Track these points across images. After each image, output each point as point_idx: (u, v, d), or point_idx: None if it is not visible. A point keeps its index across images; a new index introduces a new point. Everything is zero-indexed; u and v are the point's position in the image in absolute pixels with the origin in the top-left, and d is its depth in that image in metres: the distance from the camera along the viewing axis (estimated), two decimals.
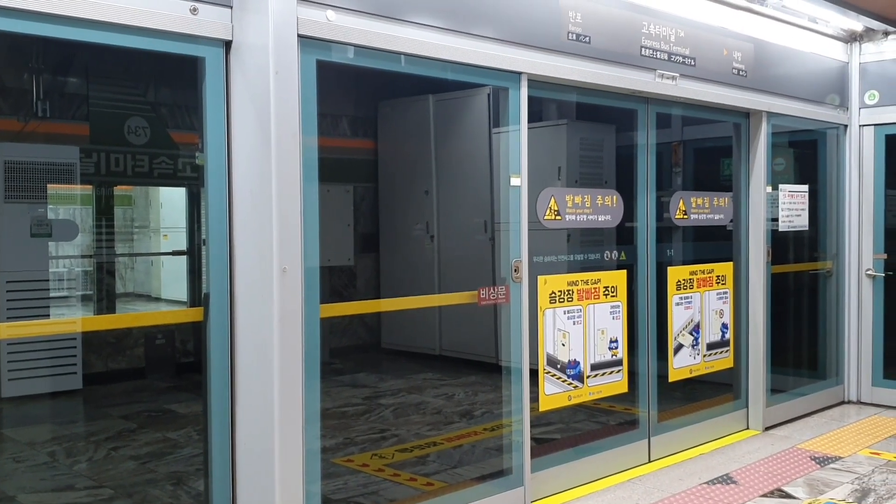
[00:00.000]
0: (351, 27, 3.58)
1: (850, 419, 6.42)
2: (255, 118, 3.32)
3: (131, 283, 15.04)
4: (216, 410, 3.41)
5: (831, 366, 6.92)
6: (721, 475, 5.00)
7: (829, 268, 6.90)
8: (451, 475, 5.00)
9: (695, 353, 5.53)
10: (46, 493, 4.88)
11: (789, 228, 6.33)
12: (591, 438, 5.19)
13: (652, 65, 5.07)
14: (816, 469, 5.12)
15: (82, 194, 8.24)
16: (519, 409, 4.41)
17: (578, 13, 4.60)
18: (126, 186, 12.37)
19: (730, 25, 5.63)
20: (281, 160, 3.29)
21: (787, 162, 6.85)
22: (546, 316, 4.51)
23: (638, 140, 5.25)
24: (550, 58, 4.47)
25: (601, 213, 4.84)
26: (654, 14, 5.08)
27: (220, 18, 3.33)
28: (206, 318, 3.39)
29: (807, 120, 6.49)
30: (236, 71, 3.38)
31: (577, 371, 4.70)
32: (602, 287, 4.82)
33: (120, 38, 3.09)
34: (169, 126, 8.35)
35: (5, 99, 7.48)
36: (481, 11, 4.15)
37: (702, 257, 5.85)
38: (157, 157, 8.22)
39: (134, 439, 5.93)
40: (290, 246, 3.33)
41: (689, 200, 5.53)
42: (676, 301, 5.39)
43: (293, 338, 3.35)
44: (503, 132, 4.45)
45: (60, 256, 10.17)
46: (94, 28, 3.02)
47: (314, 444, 3.53)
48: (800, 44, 6.30)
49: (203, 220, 3.52)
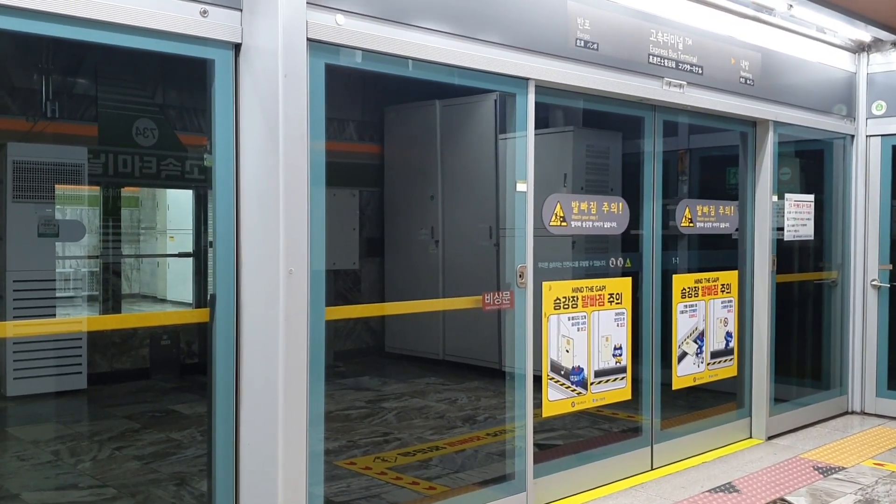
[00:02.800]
0: (359, 31, 3.59)
1: (853, 430, 6.41)
2: (263, 121, 3.34)
3: (137, 284, 15.07)
4: (221, 411, 3.42)
5: (835, 376, 6.91)
6: (724, 484, 4.99)
7: (834, 278, 6.90)
8: (453, 479, 5.00)
9: (699, 361, 5.53)
10: (50, 491, 4.89)
11: (795, 238, 6.33)
12: (593, 445, 5.20)
13: (659, 72, 5.08)
14: (820, 479, 5.11)
15: (90, 195, 8.27)
16: (522, 415, 4.41)
17: (587, 20, 4.61)
18: (133, 188, 12.42)
19: (737, 34, 5.64)
20: (289, 163, 3.30)
21: (793, 171, 6.85)
22: (550, 322, 4.52)
23: (644, 148, 5.26)
24: (558, 64, 4.48)
25: (607, 220, 4.85)
26: (662, 22, 5.09)
27: (229, 21, 3.36)
28: (212, 320, 3.40)
29: (813, 129, 6.49)
30: (245, 74, 3.41)
31: (581, 378, 4.70)
32: (607, 294, 4.82)
33: (131, 40, 3.12)
34: (177, 128, 8.38)
35: (15, 99, 7.52)
36: (489, 17, 4.17)
37: (707, 265, 5.85)
38: (164, 158, 8.25)
39: (138, 439, 5.95)
40: (296, 249, 3.34)
41: (695, 209, 5.53)
42: (681, 309, 5.39)
43: (298, 340, 3.37)
44: (509, 138, 4.46)
45: (67, 257, 10.20)
46: (106, 29, 3.05)
47: (318, 447, 3.54)
48: (807, 53, 6.31)
49: (210, 222, 3.54)
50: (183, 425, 6.34)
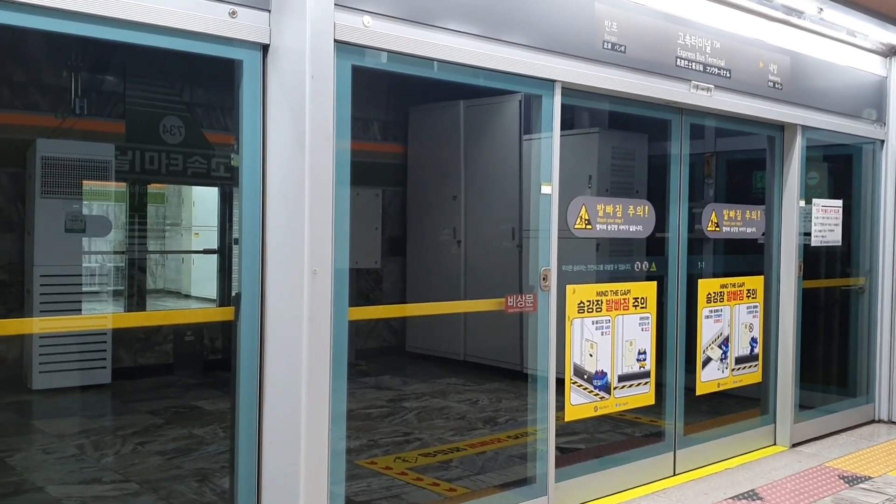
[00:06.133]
0: (386, 33, 3.60)
1: (880, 438, 6.33)
2: (290, 121, 3.35)
3: (162, 279, 15.21)
4: (244, 409, 3.44)
5: (862, 384, 6.82)
6: (747, 491, 4.95)
7: (861, 284, 6.81)
8: (474, 481, 4.99)
9: (723, 366, 5.48)
10: (74, 485, 4.94)
11: (822, 243, 6.26)
12: (616, 449, 5.17)
13: (687, 76, 5.04)
14: (845, 488, 5.05)
15: (116, 191, 8.35)
16: (544, 418, 4.40)
17: (614, 22, 4.59)
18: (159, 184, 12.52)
19: (766, 38, 5.58)
20: (314, 163, 3.31)
21: (821, 176, 6.77)
22: (574, 325, 4.50)
23: (671, 150, 5.22)
24: (585, 66, 4.46)
25: (632, 224, 4.82)
26: (691, 25, 5.06)
27: (258, 22, 3.37)
28: (237, 318, 3.42)
29: (842, 134, 6.41)
30: (273, 74, 3.42)
31: (605, 382, 4.68)
32: (631, 298, 4.80)
33: (161, 40, 3.14)
34: (203, 126, 8.44)
35: (44, 96, 7.61)
36: (515, 19, 4.15)
37: (732, 270, 5.80)
38: (191, 156, 8.31)
39: (161, 435, 6.00)
40: (321, 248, 3.35)
41: (722, 213, 5.49)
42: (706, 314, 5.34)
43: (321, 339, 3.37)
44: (534, 139, 4.45)
45: (93, 252, 10.31)
46: (137, 30, 3.07)
47: (339, 445, 3.55)
48: (837, 57, 6.24)
49: (236, 221, 3.57)
50: (206, 421, 6.38)
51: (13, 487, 4.81)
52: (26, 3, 2.82)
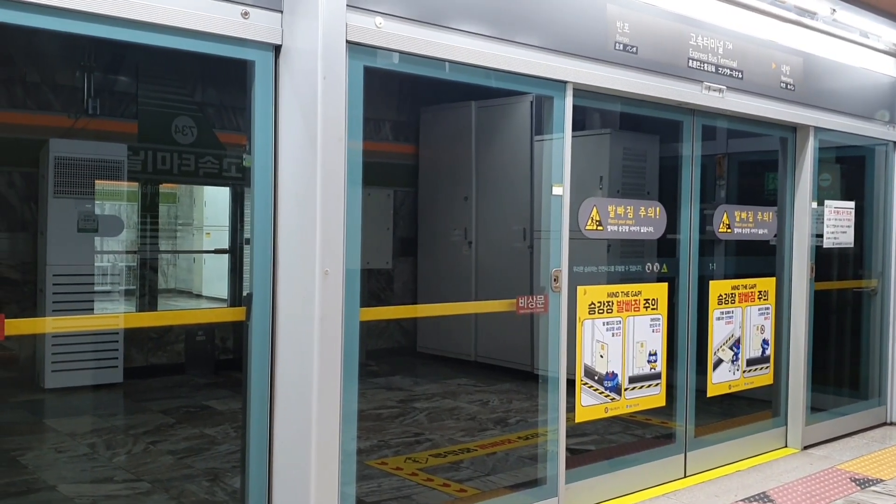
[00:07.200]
0: (398, 34, 3.60)
1: (892, 441, 6.29)
2: (302, 121, 3.36)
3: (173, 279, 15.26)
4: (255, 409, 3.45)
5: (874, 386, 6.79)
6: (758, 493, 4.93)
7: (873, 286, 6.78)
8: (484, 482, 5.00)
9: (734, 368, 5.46)
10: (86, 484, 4.97)
11: (834, 245, 6.23)
12: (626, 451, 5.16)
13: (699, 77, 5.03)
14: (857, 491, 5.03)
15: (128, 191, 8.39)
16: (555, 419, 4.39)
17: (626, 23, 4.58)
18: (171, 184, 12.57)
19: (778, 39, 5.56)
20: (326, 164, 3.32)
21: (833, 177, 6.74)
22: (585, 327, 4.49)
23: (683, 152, 5.21)
24: (597, 67, 4.46)
25: (644, 225, 4.82)
26: (703, 26, 5.04)
27: (270, 23, 3.38)
28: (249, 318, 3.43)
29: (855, 136, 6.38)
30: (285, 75, 3.43)
31: (615, 383, 4.67)
32: (643, 299, 4.79)
33: (173, 41, 3.15)
34: (215, 126, 8.47)
35: (57, 96, 7.65)
36: (527, 20, 4.15)
37: (744, 272, 5.78)
38: (202, 156, 8.34)
39: (172, 434, 6.02)
40: (332, 249, 3.36)
41: (733, 214, 5.47)
42: (717, 315, 5.33)
43: (333, 340, 3.38)
44: (545, 140, 4.45)
45: (105, 251, 10.35)
46: (149, 30, 3.08)
47: (350, 446, 3.56)
48: (850, 58, 6.21)
49: (248, 221, 3.57)
50: (217, 421, 6.40)
51: (25, 486, 4.84)
52: (39, 4, 2.83)
